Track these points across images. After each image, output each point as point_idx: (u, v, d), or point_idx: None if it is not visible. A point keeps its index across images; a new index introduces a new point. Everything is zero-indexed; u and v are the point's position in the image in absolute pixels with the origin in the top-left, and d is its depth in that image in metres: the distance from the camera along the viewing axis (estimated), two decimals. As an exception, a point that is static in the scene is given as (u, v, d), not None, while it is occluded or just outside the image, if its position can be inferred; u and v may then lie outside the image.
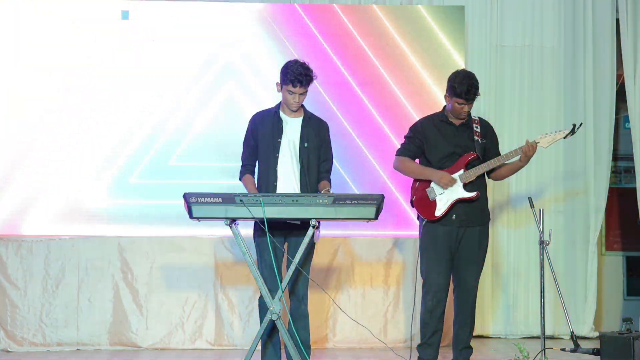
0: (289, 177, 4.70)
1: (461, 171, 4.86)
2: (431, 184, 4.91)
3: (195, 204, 4.25)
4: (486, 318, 6.75)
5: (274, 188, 4.66)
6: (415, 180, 5.00)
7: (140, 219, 6.26)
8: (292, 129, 4.75)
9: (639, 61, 6.79)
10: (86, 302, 6.13)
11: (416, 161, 5.04)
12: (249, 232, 4.71)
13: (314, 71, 4.68)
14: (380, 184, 6.36)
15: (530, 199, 5.15)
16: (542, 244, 5.02)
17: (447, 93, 4.92)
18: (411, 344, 5.66)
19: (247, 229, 4.71)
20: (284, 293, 4.39)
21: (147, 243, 6.21)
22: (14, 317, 6.07)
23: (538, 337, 5.28)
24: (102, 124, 6.31)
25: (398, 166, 5.06)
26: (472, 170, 4.86)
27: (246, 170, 4.81)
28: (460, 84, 4.81)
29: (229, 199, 4.26)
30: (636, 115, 6.78)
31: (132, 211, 6.26)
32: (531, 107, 6.84)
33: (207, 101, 6.40)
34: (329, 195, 4.29)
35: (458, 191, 4.85)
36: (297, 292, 4.71)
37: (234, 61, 6.42)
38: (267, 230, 4.27)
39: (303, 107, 4.82)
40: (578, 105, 6.85)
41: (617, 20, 6.86)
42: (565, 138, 4.94)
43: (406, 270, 6.32)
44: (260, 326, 4.49)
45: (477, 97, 4.87)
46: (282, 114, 4.78)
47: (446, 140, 4.92)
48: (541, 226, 5.04)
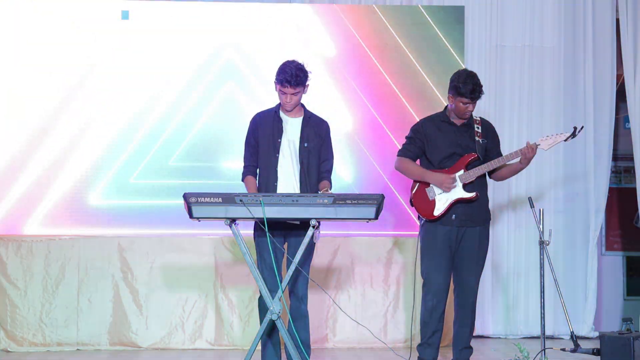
0: (289, 177, 4.70)
1: (461, 171, 4.86)
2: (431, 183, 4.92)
3: (195, 204, 4.24)
4: (486, 318, 6.74)
5: (274, 188, 4.65)
6: (415, 180, 5.00)
7: (140, 219, 6.26)
8: (292, 129, 4.75)
9: (639, 61, 6.79)
10: (86, 302, 6.13)
11: (417, 162, 5.04)
12: (249, 232, 4.71)
13: (308, 72, 4.66)
14: (381, 184, 6.36)
15: (530, 199, 5.15)
16: (542, 244, 5.01)
17: (450, 93, 4.91)
18: (411, 343, 5.67)
19: (247, 229, 4.70)
20: (283, 293, 4.39)
21: (147, 243, 6.21)
22: (14, 317, 6.07)
23: (538, 337, 5.27)
24: (102, 123, 6.31)
25: (399, 167, 5.06)
26: (472, 171, 4.85)
27: (248, 172, 4.80)
28: (464, 83, 4.81)
29: (229, 199, 4.25)
30: (636, 115, 6.78)
31: (132, 211, 6.27)
32: (531, 107, 6.84)
33: (207, 101, 6.40)
34: (329, 195, 4.28)
35: (458, 191, 4.85)
36: (297, 292, 4.70)
37: (234, 61, 6.43)
38: (267, 230, 4.27)
39: (303, 107, 4.81)
40: (578, 105, 6.85)
41: (617, 20, 6.86)
42: (565, 141, 4.94)
43: (406, 270, 6.32)
44: (260, 326, 4.49)
45: (482, 95, 4.87)
46: (282, 114, 4.78)
47: (447, 141, 4.92)
48: (541, 226, 5.04)
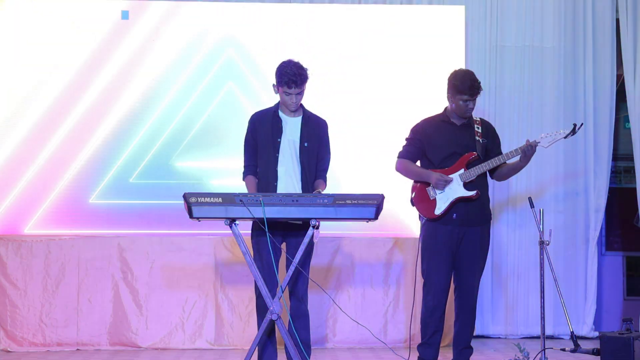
0: (289, 176, 4.69)
1: (462, 170, 4.86)
2: (431, 183, 4.92)
3: (195, 204, 4.24)
4: (486, 318, 6.74)
5: (274, 188, 4.64)
6: (416, 181, 5.00)
7: (140, 219, 6.26)
8: (291, 128, 4.74)
9: (639, 61, 6.78)
10: (86, 302, 6.13)
11: (417, 163, 5.04)
12: (249, 232, 4.70)
13: (307, 69, 4.67)
14: (381, 184, 6.35)
15: (530, 199, 5.14)
16: (542, 244, 5.01)
17: (449, 93, 4.91)
18: (411, 343, 5.67)
19: (247, 229, 4.70)
20: (283, 293, 4.38)
21: (147, 243, 6.21)
22: (14, 317, 6.07)
23: (538, 337, 5.27)
24: (102, 123, 6.31)
25: (399, 169, 5.06)
26: (473, 170, 4.85)
27: (248, 172, 4.79)
28: (462, 81, 4.82)
29: (229, 199, 4.25)
30: (636, 115, 6.78)
31: (132, 211, 6.27)
32: (531, 107, 6.84)
33: (207, 101, 6.40)
34: (329, 195, 4.28)
35: (458, 190, 4.85)
36: (296, 292, 4.70)
37: (234, 61, 6.43)
38: (267, 231, 4.26)
39: (302, 107, 4.81)
40: (578, 105, 6.85)
41: (617, 20, 6.86)
42: (565, 138, 4.94)
43: (406, 270, 6.32)
44: (260, 326, 4.49)
45: (481, 91, 4.87)
46: (281, 113, 4.77)
47: (447, 141, 4.92)
48: (541, 226, 5.04)
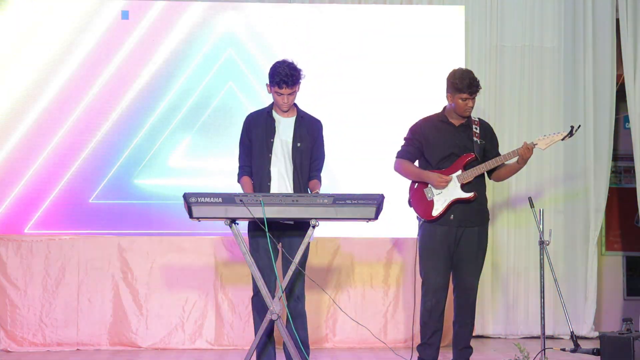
0: (282, 177, 4.68)
1: (459, 172, 4.86)
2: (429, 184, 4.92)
3: (195, 204, 4.23)
4: (486, 318, 6.74)
5: (268, 188, 4.64)
6: (414, 181, 5.00)
7: (140, 219, 6.26)
8: (284, 128, 4.73)
9: (639, 61, 6.79)
10: (86, 302, 6.13)
11: (416, 163, 5.04)
12: (246, 232, 4.70)
13: (301, 70, 4.65)
14: (380, 184, 6.34)
15: (530, 199, 5.15)
16: (542, 244, 5.01)
17: (448, 92, 4.91)
18: (412, 343, 5.67)
19: (246, 229, 4.70)
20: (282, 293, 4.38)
21: (147, 243, 6.21)
22: (14, 317, 6.07)
23: (538, 337, 5.27)
24: (102, 123, 6.31)
25: (397, 169, 5.07)
26: (470, 171, 4.85)
27: (243, 172, 4.78)
28: (461, 79, 4.82)
29: (229, 199, 4.24)
30: (636, 115, 6.78)
31: (132, 211, 6.27)
32: (531, 107, 6.84)
33: (207, 101, 6.40)
34: (329, 195, 4.28)
35: (456, 191, 4.84)
36: (294, 292, 4.70)
37: (234, 61, 6.43)
38: (267, 231, 4.26)
39: (296, 107, 4.80)
40: (578, 105, 6.85)
41: (617, 20, 6.85)
42: (563, 140, 4.93)
43: (406, 270, 6.32)
44: (260, 326, 4.49)
45: (480, 90, 4.87)
46: (274, 113, 4.76)
47: (445, 141, 4.92)
48: (541, 226, 5.04)
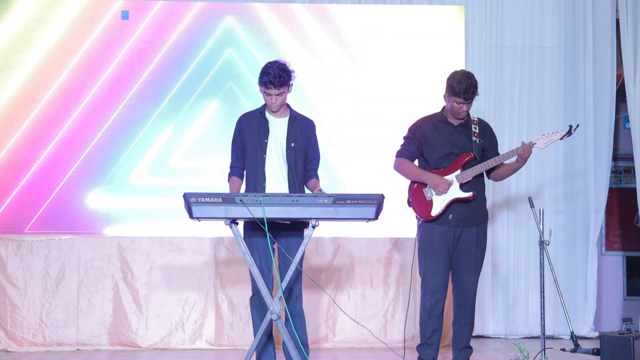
0: (276, 177, 4.68)
1: (458, 171, 4.85)
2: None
3: (195, 204, 4.23)
4: (486, 318, 6.74)
5: (263, 188, 4.64)
6: (414, 181, 5.00)
7: (140, 219, 6.27)
8: (278, 129, 4.73)
9: (639, 61, 6.78)
10: (86, 302, 6.13)
11: (415, 162, 5.04)
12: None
13: (293, 71, 4.64)
14: (380, 184, 6.35)
15: (530, 199, 5.15)
16: (542, 244, 5.01)
17: (445, 92, 4.91)
18: (411, 344, 5.67)
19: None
20: (276, 293, 4.38)
21: (147, 243, 6.22)
22: (14, 317, 6.07)
23: (538, 337, 5.28)
24: (102, 123, 6.31)
25: (397, 168, 5.06)
26: (469, 171, 4.85)
27: (234, 172, 4.79)
28: (458, 83, 4.80)
29: (229, 199, 4.24)
30: (636, 115, 6.78)
31: (132, 211, 6.27)
32: (531, 107, 6.84)
33: (207, 101, 6.40)
34: (329, 195, 4.28)
35: (454, 191, 4.84)
36: (292, 292, 4.69)
37: (234, 61, 6.43)
38: (267, 231, 4.26)
39: (289, 107, 4.80)
40: (578, 105, 6.85)
41: (617, 20, 6.86)
42: (561, 139, 4.93)
43: (406, 270, 6.31)
44: (259, 326, 4.49)
45: (476, 96, 4.86)
46: (267, 114, 4.76)
47: (444, 141, 4.91)
48: (541, 226, 5.04)
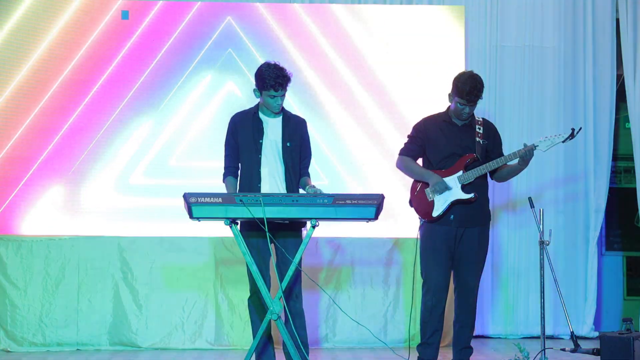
0: (273, 177, 4.66)
1: (460, 172, 4.85)
2: (430, 184, 4.91)
3: (195, 204, 4.23)
4: (486, 318, 6.74)
5: (258, 189, 4.61)
6: (416, 180, 5.00)
7: (140, 219, 6.26)
8: (273, 129, 4.72)
9: (639, 61, 6.79)
10: (86, 302, 6.13)
11: (419, 161, 5.03)
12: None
13: (286, 69, 4.64)
14: (380, 184, 6.36)
15: (530, 199, 5.14)
16: (542, 244, 5.01)
17: (451, 92, 4.89)
18: (412, 344, 5.66)
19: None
20: (275, 292, 4.38)
21: (147, 243, 6.21)
22: (14, 317, 6.07)
23: (538, 337, 5.27)
24: (102, 123, 6.32)
25: (400, 166, 5.05)
26: (471, 172, 4.84)
27: (229, 173, 4.78)
28: (463, 84, 4.78)
29: (229, 199, 4.24)
30: (636, 115, 6.78)
31: (132, 211, 6.27)
32: (531, 107, 6.84)
33: (207, 101, 6.40)
34: (329, 195, 4.27)
35: (456, 192, 4.83)
36: (292, 291, 4.68)
37: (234, 60, 6.43)
38: (267, 231, 4.26)
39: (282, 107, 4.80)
40: (578, 106, 6.85)
41: (617, 20, 6.86)
42: (563, 142, 4.93)
43: (406, 270, 6.31)
44: (257, 326, 4.49)
45: (480, 100, 4.84)
46: (261, 114, 4.74)
47: (447, 141, 4.90)
48: (541, 226, 5.04)
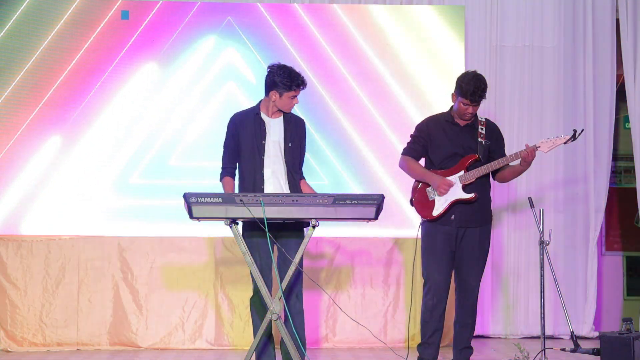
0: (276, 178, 4.67)
1: (461, 172, 4.85)
2: (431, 184, 4.92)
3: (195, 204, 4.23)
4: (486, 318, 6.74)
5: (262, 191, 4.62)
6: (417, 180, 5.00)
7: (140, 219, 6.26)
8: (274, 130, 4.72)
9: (639, 61, 6.79)
10: (86, 302, 6.13)
11: (422, 161, 5.03)
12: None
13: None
14: (381, 184, 6.36)
15: (530, 199, 5.15)
16: (542, 244, 5.01)
17: (454, 92, 4.89)
18: (412, 344, 5.67)
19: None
20: (274, 292, 4.38)
21: (147, 243, 6.21)
22: (14, 317, 6.07)
23: (538, 337, 5.27)
24: (101, 123, 6.31)
25: (402, 166, 5.05)
26: (472, 172, 4.85)
27: (226, 173, 4.77)
28: (467, 84, 4.78)
29: (229, 199, 4.24)
30: (636, 115, 6.78)
31: (132, 211, 6.26)
32: (531, 107, 6.84)
33: (207, 101, 6.40)
34: (329, 195, 4.27)
35: (457, 192, 4.84)
36: (293, 291, 4.68)
37: (234, 61, 6.43)
38: (267, 231, 4.26)
39: None
40: (578, 106, 6.85)
41: (617, 20, 6.86)
42: (565, 143, 4.93)
43: (406, 270, 6.31)
44: (259, 326, 4.49)
45: (483, 100, 4.84)
46: (263, 115, 4.74)
47: (450, 141, 4.91)
48: (541, 226, 5.04)
